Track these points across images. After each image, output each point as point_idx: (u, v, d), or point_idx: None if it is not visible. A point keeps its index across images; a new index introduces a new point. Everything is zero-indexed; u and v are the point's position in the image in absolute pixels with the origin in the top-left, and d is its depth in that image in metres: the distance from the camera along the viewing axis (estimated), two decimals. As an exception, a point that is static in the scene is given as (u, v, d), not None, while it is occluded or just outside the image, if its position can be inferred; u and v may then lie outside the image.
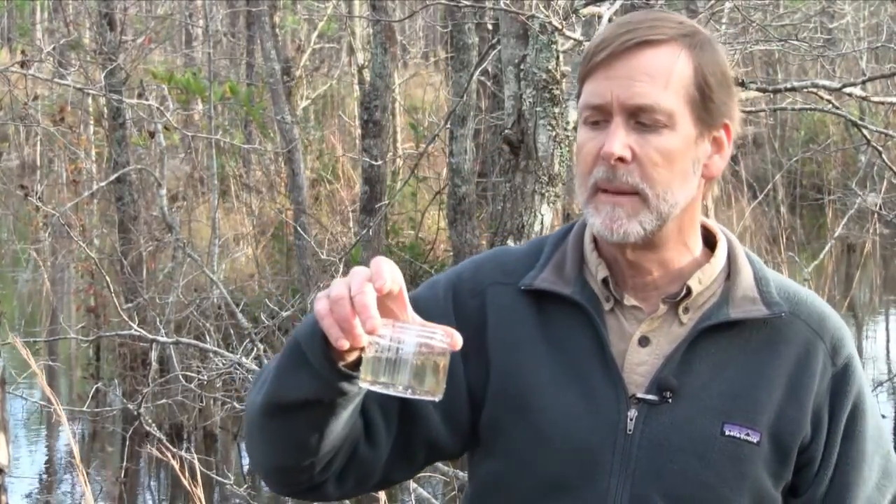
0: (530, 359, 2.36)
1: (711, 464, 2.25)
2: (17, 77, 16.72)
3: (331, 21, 19.03)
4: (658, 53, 2.27)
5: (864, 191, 15.68)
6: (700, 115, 2.29)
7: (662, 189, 2.26)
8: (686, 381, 2.29)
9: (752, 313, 2.31)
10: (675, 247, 2.35)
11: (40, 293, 16.17)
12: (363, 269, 2.04)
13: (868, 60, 20.09)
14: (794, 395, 2.28)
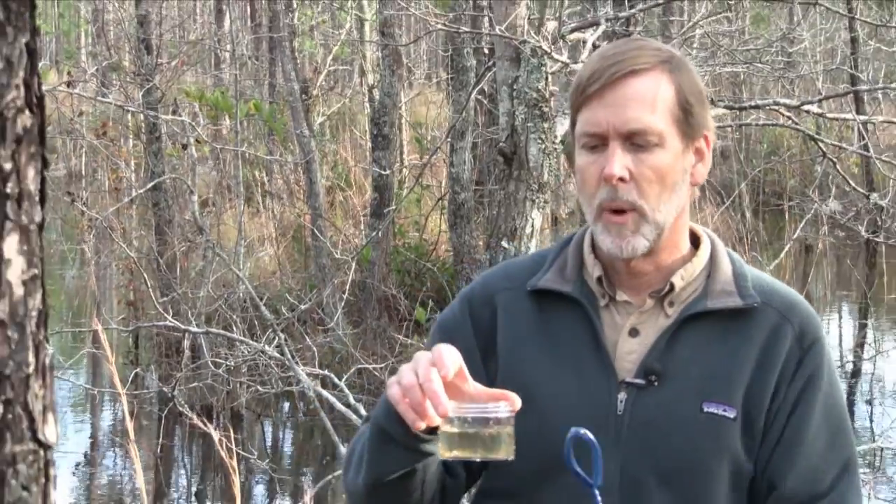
0: (532, 353, 2.42)
1: (693, 439, 2.28)
2: (64, 95, 16.75)
3: (344, 46, 19.00)
4: (644, 80, 2.31)
5: (819, 198, 15.65)
6: (684, 130, 2.33)
7: (656, 202, 2.31)
8: (669, 366, 2.32)
9: (728, 304, 2.34)
10: (668, 249, 2.39)
11: (85, 289, 16.16)
12: (426, 354, 2.13)
13: (824, 81, 20.06)
14: (762, 373, 2.30)
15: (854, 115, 10.54)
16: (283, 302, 11.34)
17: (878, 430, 11.46)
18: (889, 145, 20.56)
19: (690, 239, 2.46)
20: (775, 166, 21.43)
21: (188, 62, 21.54)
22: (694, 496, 2.29)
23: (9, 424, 2.35)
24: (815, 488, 2.28)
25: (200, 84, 21.25)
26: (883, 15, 22.28)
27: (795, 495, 2.28)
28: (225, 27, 24.33)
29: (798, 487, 2.28)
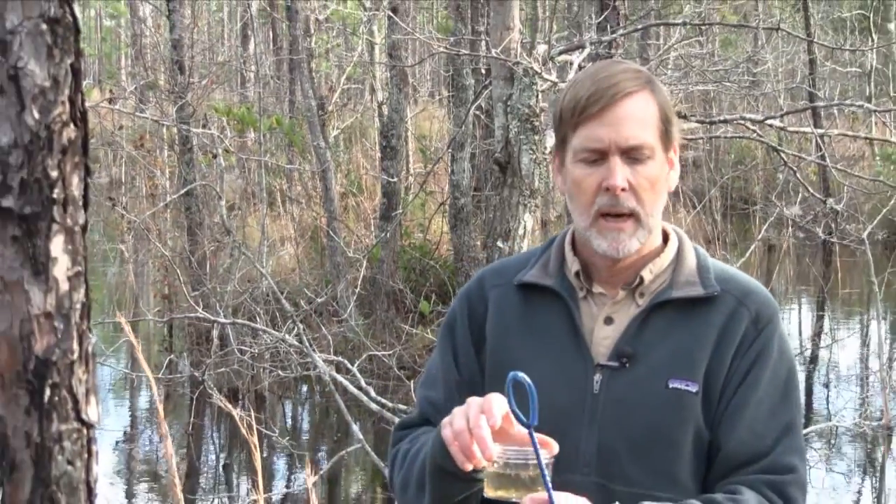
0: (518, 339, 2.47)
1: (660, 412, 2.31)
2: (105, 111, 16.74)
3: (356, 66, 18.98)
4: (636, 101, 2.36)
5: (781, 202, 15.64)
6: (664, 142, 2.39)
7: (651, 208, 2.37)
8: (639, 349, 2.35)
9: (691, 293, 2.38)
10: (648, 244, 2.43)
11: (125, 284, 16.15)
12: (477, 401, 2.18)
13: (785, 98, 20.10)
14: (720, 352, 2.33)
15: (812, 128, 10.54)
16: (301, 296, 11.34)
17: (834, 411, 11.46)
18: (844, 156, 20.55)
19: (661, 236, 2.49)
20: (742, 174, 21.44)
21: (217, 81, 21.53)
22: (661, 463, 2.31)
23: (55, 406, 2.34)
24: (757, 449, 2.30)
25: (228, 101, 21.24)
26: (838, 39, 22.31)
27: (739, 455, 2.30)
28: (250, 50, 24.34)
29: (741, 448, 2.30)
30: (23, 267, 2.33)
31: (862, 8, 25.19)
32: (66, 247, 2.37)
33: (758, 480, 2.27)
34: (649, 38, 18.50)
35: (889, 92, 23.72)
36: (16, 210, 2.32)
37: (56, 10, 2.33)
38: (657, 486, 2.29)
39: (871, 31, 22.97)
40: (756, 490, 2.25)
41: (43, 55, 2.33)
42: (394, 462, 2.55)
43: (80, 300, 2.39)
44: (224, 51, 30.22)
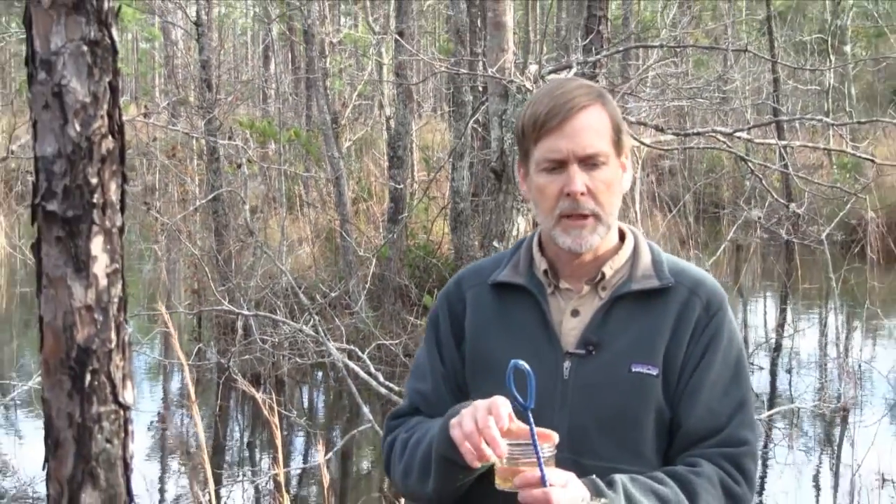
0: (494, 334, 2.51)
1: (625, 394, 2.35)
2: (141, 125, 16.73)
3: (366, 85, 18.97)
4: (590, 114, 2.41)
5: (748, 207, 15.64)
6: (617, 149, 2.44)
7: (609, 208, 2.43)
8: (604, 337, 2.40)
9: (648, 285, 2.43)
10: (606, 243, 2.48)
11: (158, 280, 16.14)
12: (484, 404, 2.21)
13: (752, 113, 20.10)
14: (677, 337, 2.38)
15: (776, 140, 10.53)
16: (317, 290, 11.34)
17: (796, 394, 11.46)
18: (804, 165, 20.53)
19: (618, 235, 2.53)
20: (713, 181, 21.46)
21: (241, 98, 21.51)
22: (627, 440, 2.34)
23: (95, 390, 2.34)
24: (713, 425, 2.34)
25: (251, 115, 21.22)
26: (799, 60, 22.30)
27: (697, 431, 2.34)
28: (271, 70, 24.32)
29: (699, 424, 2.34)
30: (66, 264, 2.33)
31: (821, 32, 25.22)
32: (105, 246, 2.37)
33: (715, 453, 2.32)
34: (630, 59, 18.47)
35: (845, 107, 23.73)
36: (59, 213, 2.31)
37: (96, 33, 2.32)
38: (623, 461, 2.31)
39: (828, 52, 23.00)
40: (713, 462, 2.31)
41: (84, 74, 2.32)
42: (391, 450, 2.57)
43: (118, 294, 2.39)
44: (247, 70, 30.23)
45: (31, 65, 2.31)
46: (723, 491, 2.28)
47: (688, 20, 18.54)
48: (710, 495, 2.25)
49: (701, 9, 26.53)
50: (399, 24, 14.24)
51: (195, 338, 13.39)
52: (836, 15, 24.75)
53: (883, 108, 24.96)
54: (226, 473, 9.37)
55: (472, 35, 12.56)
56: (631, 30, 17.68)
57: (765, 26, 22.88)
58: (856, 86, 25.73)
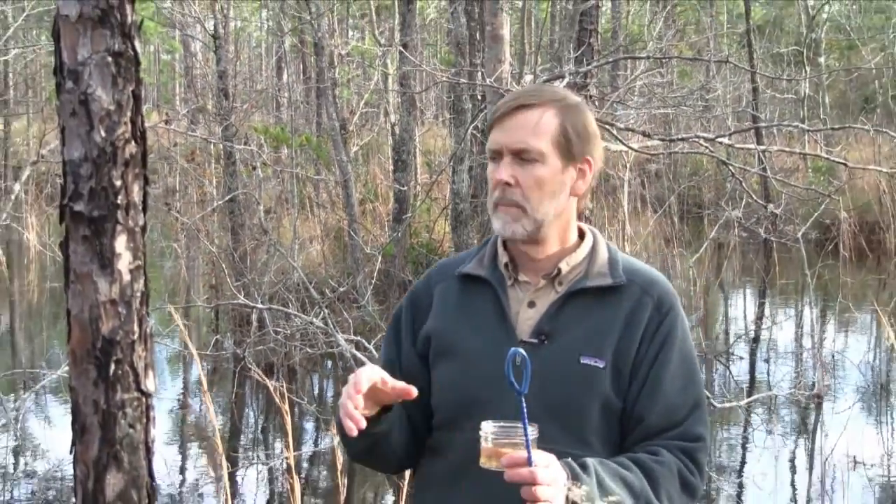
0: (456, 322, 2.52)
1: (573, 383, 2.34)
2: (162, 131, 16.73)
3: (372, 94, 18.97)
4: (530, 112, 2.42)
5: (729, 207, 15.63)
6: (564, 153, 2.42)
7: (535, 204, 2.42)
8: (556, 329, 2.40)
9: (601, 282, 2.43)
10: (557, 241, 2.48)
11: (178, 276, 16.14)
12: (352, 378, 2.27)
13: (732, 120, 20.07)
14: (627, 333, 2.38)
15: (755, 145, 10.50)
16: (326, 285, 11.34)
17: (773, 382, 11.45)
18: (781, 168, 20.48)
19: (579, 234, 2.53)
20: (696, 184, 21.42)
21: (256, 106, 21.49)
22: (572, 426, 2.33)
23: (119, 378, 2.34)
24: (672, 420, 2.35)
25: (265, 122, 21.23)
26: (777, 70, 22.30)
27: (658, 425, 2.35)
28: (283, 79, 24.34)
29: (660, 420, 2.35)
30: (92, 261, 2.33)
31: (797, 44, 25.19)
32: (128, 244, 2.37)
33: (673, 445, 2.33)
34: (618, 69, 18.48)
35: (819, 115, 23.70)
36: (86, 213, 2.31)
37: (120, 45, 2.32)
38: (570, 445, 2.30)
39: (804, 63, 22.99)
40: (672, 453, 2.32)
41: (109, 83, 2.32)
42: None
43: (140, 289, 2.39)
44: (262, 80, 30.20)
45: (59, 75, 2.31)
46: (679, 480, 2.29)
47: (672, 33, 18.56)
48: (669, 482, 2.27)
49: (685, 23, 26.55)
50: (403, 36, 14.22)
51: (213, 329, 13.39)
52: (811, 28, 24.74)
53: (854, 115, 24.94)
54: (241, 456, 9.37)
55: (471, 47, 12.54)
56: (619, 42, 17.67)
57: (744, 39, 22.88)
58: (829, 95, 25.69)
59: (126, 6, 2.35)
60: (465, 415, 2.41)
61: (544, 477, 2.08)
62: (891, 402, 10.94)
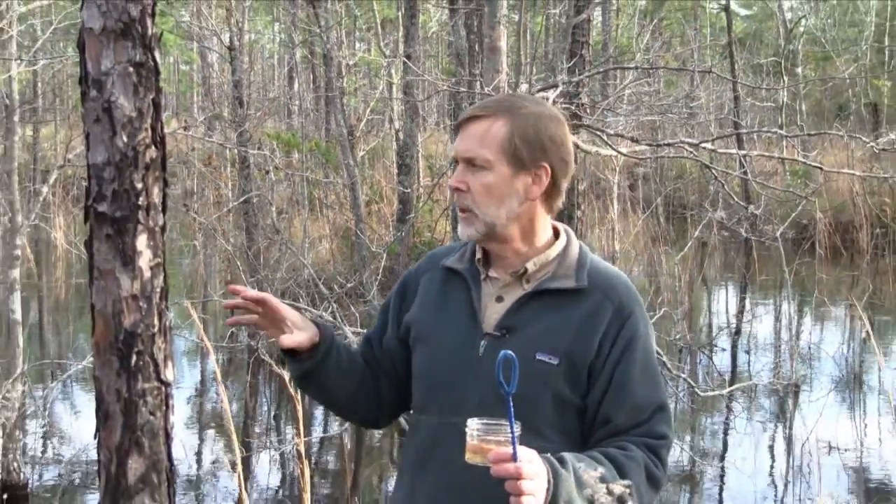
0: (432, 311, 2.55)
1: (527, 376, 2.27)
2: (181, 137, 16.72)
3: (378, 102, 18.96)
4: (481, 123, 2.41)
5: (712, 208, 15.61)
6: (512, 161, 2.40)
7: (484, 209, 2.41)
8: (518, 324, 2.39)
9: (564, 285, 2.41)
10: (522, 242, 2.46)
11: (196, 272, 16.16)
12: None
13: (715, 126, 20.08)
14: (584, 334, 2.35)
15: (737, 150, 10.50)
16: (334, 281, 11.32)
17: (753, 372, 11.46)
18: (761, 171, 20.53)
19: (555, 234, 2.51)
20: (681, 186, 21.43)
21: (268, 113, 21.54)
22: (525, 417, 2.24)
23: (140, 368, 2.34)
24: (637, 419, 2.34)
25: (277, 128, 21.23)
26: (757, 80, 22.27)
27: (625, 424, 2.33)
28: (294, 88, 24.35)
29: (626, 419, 2.33)
30: (114, 259, 2.33)
31: (776, 55, 25.19)
32: (149, 243, 2.37)
33: (639, 441, 2.32)
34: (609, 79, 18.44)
35: (797, 121, 23.69)
36: (109, 214, 2.31)
37: (140, 56, 2.32)
38: (525, 434, 2.23)
39: (782, 74, 22.98)
40: (638, 447, 2.31)
41: (130, 91, 2.32)
42: None
43: (160, 285, 2.39)
44: (274, 89, 30.19)
45: (84, 84, 2.31)
46: (646, 473, 2.28)
47: (659, 45, 18.56)
48: (637, 475, 2.26)
49: (671, 35, 26.53)
50: (407, 48, 14.22)
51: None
52: (788, 41, 24.73)
53: (829, 122, 24.96)
54: (255, 442, 9.37)
55: (470, 58, 12.56)
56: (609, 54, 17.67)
57: (726, 50, 22.88)
58: (806, 103, 25.70)
59: (147, 19, 2.35)
60: (432, 399, 2.45)
61: (528, 471, 2.07)
62: (863, 391, 10.95)
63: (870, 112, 25.73)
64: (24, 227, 8.93)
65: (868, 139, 7.67)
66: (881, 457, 8.85)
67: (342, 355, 2.58)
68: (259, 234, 14.02)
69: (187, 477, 8.71)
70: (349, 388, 2.60)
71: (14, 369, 8.39)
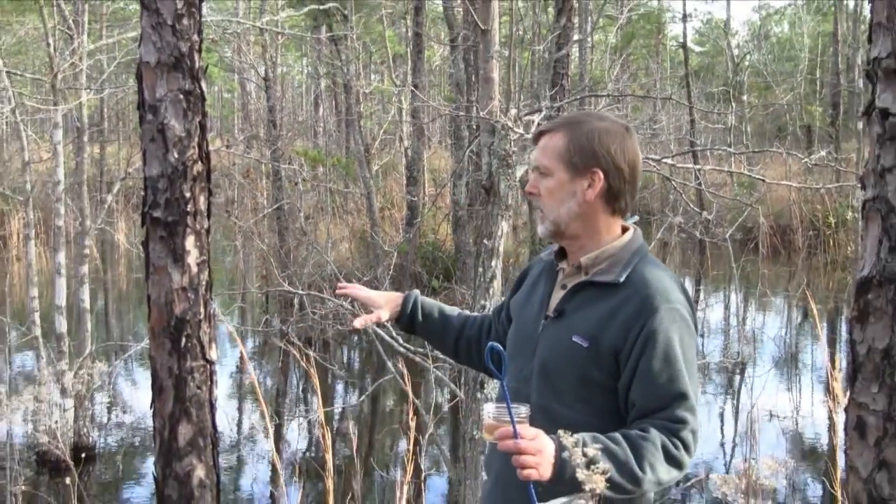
0: (524, 294, 2.56)
1: (562, 355, 2.29)
2: (223, 153, 16.69)
3: (389, 124, 18.94)
4: (546, 137, 2.41)
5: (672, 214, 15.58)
6: (569, 167, 2.36)
7: (549, 209, 2.39)
8: (567, 309, 2.35)
9: (605, 279, 2.34)
10: (586, 238, 2.40)
11: (236, 268, 16.14)
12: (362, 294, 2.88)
13: (674, 145, 20.05)
14: (612, 323, 2.26)
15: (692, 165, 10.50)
16: (353, 275, 11.32)
17: (707, 352, 11.45)
18: (713, 182, 20.50)
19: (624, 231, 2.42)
20: (646, 195, 21.39)
21: (297, 133, 21.48)
22: (554, 385, 2.29)
23: (188, 349, 2.33)
24: (658, 405, 2.21)
25: (305, 146, 21.20)
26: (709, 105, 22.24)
27: (646, 406, 2.22)
28: (319, 113, 24.31)
29: (647, 404, 2.22)
30: (167, 257, 2.32)
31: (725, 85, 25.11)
32: (196, 243, 2.36)
33: (659, 424, 2.20)
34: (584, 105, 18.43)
35: (743, 140, 23.65)
36: (162, 219, 2.31)
37: (189, 85, 2.31)
38: (551, 399, 2.28)
39: (731, 100, 22.94)
40: (657, 429, 2.19)
41: (180, 115, 2.32)
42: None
43: (205, 279, 2.38)
44: (302, 113, 30.17)
45: (142, 109, 2.30)
46: (664, 453, 2.17)
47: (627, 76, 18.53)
48: (652, 454, 2.15)
49: (637, 68, 26.49)
50: (414, 79, 14.21)
51: (264, 311, 13.38)
52: (736, 73, 24.70)
53: (770, 141, 24.94)
54: (285, 411, 9.37)
55: (468, 87, 12.53)
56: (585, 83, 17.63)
57: (684, 81, 22.86)
58: (750, 125, 25.64)
59: (194, 55, 2.34)
60: (511, 366, 2.41)
61: (527, 447, 2.04)
62: (798, 368, 10.95)
63: (804, 133, 25.74)
64: (91, 229, 8.92)
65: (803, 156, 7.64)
66: (813, 423, 8.85)
67: (430, 320, 2.77)
68: (289, 236, 14.01)
69: (229, 441, 8.70)
70: (448, 342, 2.77)
71: (84, 350, 8.38)
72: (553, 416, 2.24)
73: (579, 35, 17.60)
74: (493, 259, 5.78)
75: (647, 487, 2.17)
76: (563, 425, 2.11)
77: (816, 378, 10.38)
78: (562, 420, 2.19)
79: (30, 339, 8.52)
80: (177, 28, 2.29)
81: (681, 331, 2.26)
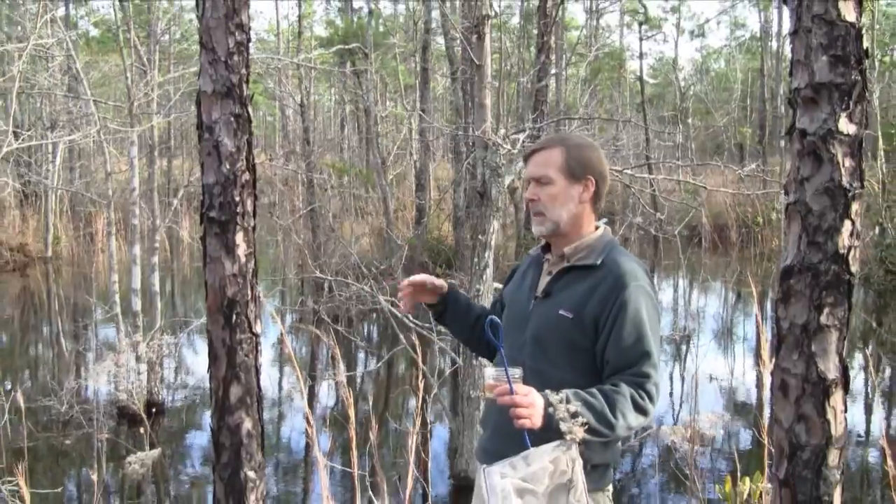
0: (516, 283, 2.56)
1: (551, 326, 2.30)
2: (267, 165, 16.66)
3: (401, 141, 18.92)
4: (542, 153, 2.42)
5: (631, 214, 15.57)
6: (568, 175, 2.37)
7: (551, 212, 2.38)
8: (553, 290, 2.37)
9: (586, 262, 2.35)
10: (575, 233, 2.42)
11: (277, 259, 16.13)
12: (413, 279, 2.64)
13: (633, 158, 20.01)
14: (591, 298, 2.28)
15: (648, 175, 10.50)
16: (372, 265, 11.30)
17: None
18: (665, 189, 20.44)
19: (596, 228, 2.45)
20: (612, 199, 21.36)
21: (327, 149, 21.42)
22: (548, 353, 2.29)
23: (238, 324, 2.33)
24: (627, 362, 2.22)
25: (333, 160, 21.18)
26: (661, 127, 22.20)
27: (616, 364, 2.22)
28: (344, 132, 24.25)
29: (618, 362, 2.22)
30: (221, 249, 2.32)
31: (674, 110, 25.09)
32: (244, 238, 2.36)
33: (627, 378, 2.21)
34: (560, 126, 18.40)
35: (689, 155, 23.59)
36: (216, 218, 2.30)
37: (239, 109, 2.31)
38: (542, 363, 2.29)
39: (679, 122, 22.90)
40: (626, 383, 2.19)
41: (232, 134, 2.31)
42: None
43: (252, 267, 2.38)
44: (330, 133, 30.13)
45: (200, 129, 2.30)
46: (632, 402, 2.17)
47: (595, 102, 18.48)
48: (623, 404, 2.15)
49: (602, 96, 26.43)
50: (421, 105, 14.19)
51: (300, 293, 13.38)
52: (682, 100, 24.66)
53: (710, 155, 24.89)
54: (317, 376, 9.37)
55: (465, 111, 12.52)
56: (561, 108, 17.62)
57: (640, 107, 22.81)
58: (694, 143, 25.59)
59: (243, 85, 2.33)
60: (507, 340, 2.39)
61: (521, 400, 2.05)
62: (732, 339, 10.93)
63: (737, 149, 25.73)
64: (161, 227, 8.93)
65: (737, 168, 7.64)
66: (745, 384, 8.85)
67: (459, 310, 2.65)
68: (320, 232, 14.00)
69: (271, 399, 8.71)
70: (465, 330, 2.67)
71: (154, 325, 8.39)
72: (544, 377, 2.25)
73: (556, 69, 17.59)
74: (486, 251, 5.78)
75: (619, 432, 2.18)
76: (554, 384, 2.16)
77: (748, 347, 10.37)
78: (552, 380, 2.22)
79: (111, 315, 8.55)
80: (229, 63, 2.29)
81: (647, 303, 2.28)
